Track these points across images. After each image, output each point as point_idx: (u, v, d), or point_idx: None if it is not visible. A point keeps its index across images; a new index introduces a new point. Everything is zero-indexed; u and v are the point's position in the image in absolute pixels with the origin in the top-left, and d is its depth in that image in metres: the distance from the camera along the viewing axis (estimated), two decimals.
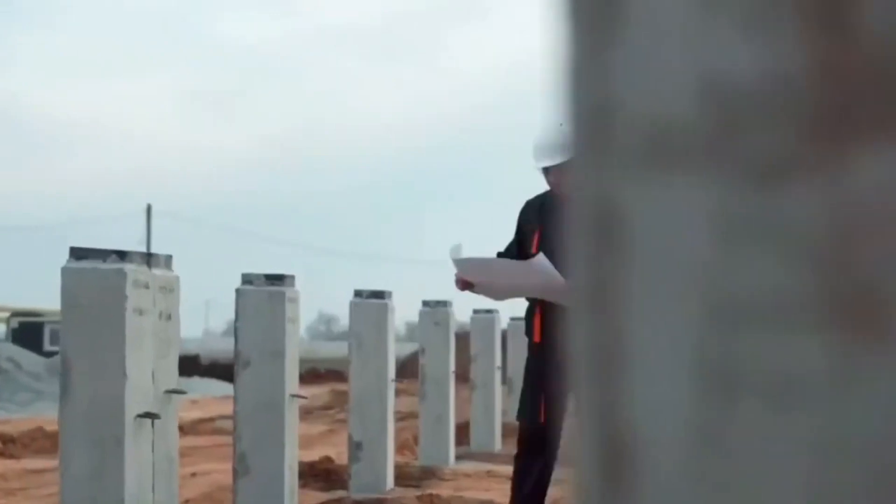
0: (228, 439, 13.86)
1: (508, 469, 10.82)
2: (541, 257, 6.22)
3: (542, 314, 6.46)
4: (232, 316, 6.77)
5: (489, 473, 10.33)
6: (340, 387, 26.35)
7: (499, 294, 6.55)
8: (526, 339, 6.94)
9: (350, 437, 9.01)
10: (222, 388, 26.61)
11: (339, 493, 8.65)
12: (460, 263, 6.28)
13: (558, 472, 6.77)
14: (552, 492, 6.74)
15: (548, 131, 6.46)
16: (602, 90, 0.52)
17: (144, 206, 43.54)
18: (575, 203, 0.55)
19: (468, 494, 8.45)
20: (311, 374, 30.20)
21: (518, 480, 6.58)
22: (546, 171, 6.43)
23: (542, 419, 6.51)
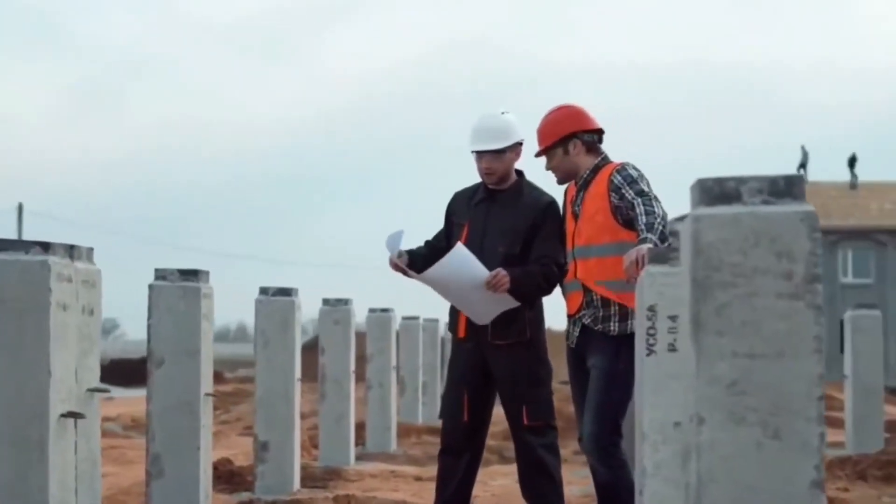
0: (118, 441, 13.56)
1: (411, 469, 10.71)
2: (459, 247, 6.11)
3: None
4: (106, 316, 6.54)
5: (393, 474, 10.18)
6: (222, 388, 25.98)
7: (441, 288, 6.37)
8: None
9: (255, 438, 8.79)
10: None
11: (245, 496, 8.42)
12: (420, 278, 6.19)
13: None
14: (476, 490, 6.63)
15: (487, 117, 6.37)
16: None
17: (15, 205, 42.42)
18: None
19: (379, 495, 8.28)
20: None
21: (442, 480, 6.44)
22: (480, 156, 6.33)
23: (466, 417, 6.38)
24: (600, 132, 6.06)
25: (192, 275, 6.56)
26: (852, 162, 51.59)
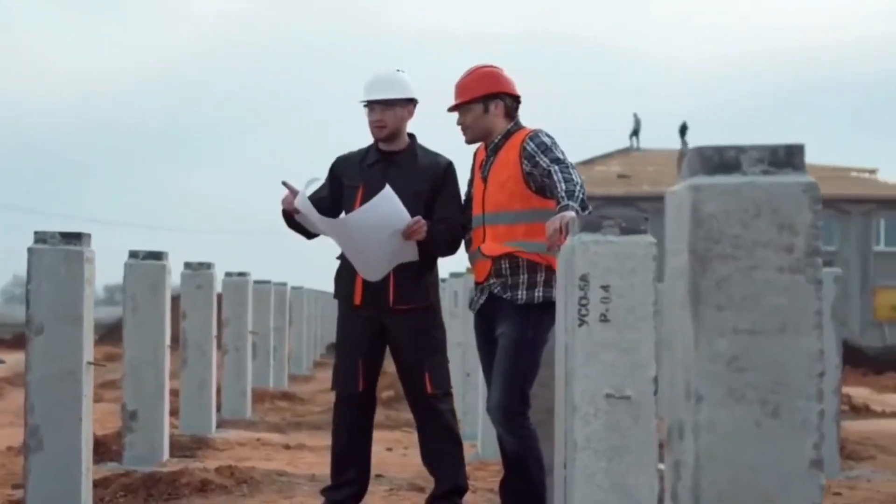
0: None
1: (276, 437, 10.49)
2: (388, 190, 5.90)
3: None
4: None
5: (260, 442, 9.97)
6: None
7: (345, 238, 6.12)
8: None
9: (124, 406, 8.49)
10: None
11: (113, 466, 8.13)
12: (331, 228, 5.96)
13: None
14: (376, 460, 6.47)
15: (382, 71, 6.22)
16: None
17: None
18: None
19: (257, 465, 8.06)
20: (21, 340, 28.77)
21: (342, 457, 6.23)
22: (372, 108, 6.15)
23: (361, 387, 6.22)
24: (519, 100, 5.92)
25: (74, 238, 6.23)
26: (683, 130, 52.62)
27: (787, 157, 2.79)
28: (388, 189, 5.88)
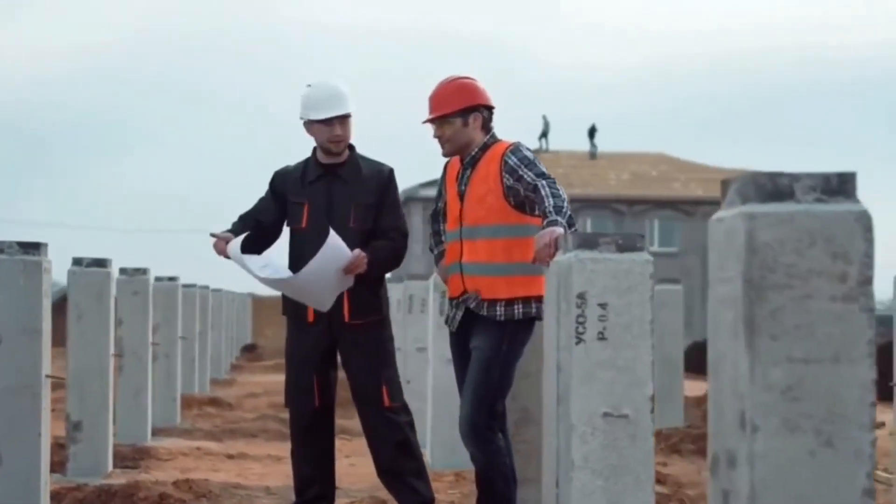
0: None
1: (214, 446, 10.35)
2: (334, 237, 5.81)
3: None
4: None
5: (201, 451, 9.81)
6: None
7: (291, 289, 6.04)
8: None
9: (68, 417, 8.31)
10: None
11: (57, 478, 7.94)
12: (274, 284, 5.86)
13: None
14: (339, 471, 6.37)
15: (329, 84, 6.12)
16: None
17: None
18: None
19: (209, 477, 7.93)
20: None
21: (304, 471, 6.12)
22: (331, 123, 6.05)
23: (317, 402, 6.13)
24: (493, 111, 5.86)
25: (32, 248, 6.07)
26: (592, 132, 53.00)
27: (840, 185, 2.78)
28: (333, 236, 5.78)
